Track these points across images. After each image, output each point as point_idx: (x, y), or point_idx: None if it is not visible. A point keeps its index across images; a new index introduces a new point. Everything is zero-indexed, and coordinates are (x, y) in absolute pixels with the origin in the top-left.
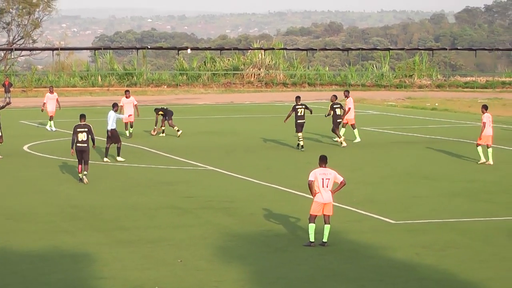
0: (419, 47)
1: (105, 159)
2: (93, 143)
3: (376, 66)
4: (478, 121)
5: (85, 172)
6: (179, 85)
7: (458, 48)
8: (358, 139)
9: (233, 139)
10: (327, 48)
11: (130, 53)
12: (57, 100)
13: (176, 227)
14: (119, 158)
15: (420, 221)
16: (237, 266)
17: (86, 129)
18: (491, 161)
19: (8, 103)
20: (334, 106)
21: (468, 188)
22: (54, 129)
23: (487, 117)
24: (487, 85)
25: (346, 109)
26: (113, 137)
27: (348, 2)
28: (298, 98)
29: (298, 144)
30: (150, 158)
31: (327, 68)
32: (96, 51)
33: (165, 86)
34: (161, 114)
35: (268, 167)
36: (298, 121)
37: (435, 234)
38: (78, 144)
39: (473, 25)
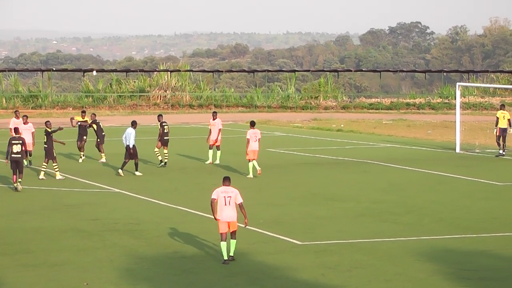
0: (324, 69)
1: (120, 170)
2: (27, 155)
3: (282, 88)
4: (383, 142)
5: (19, 180)
6: (85, 107)
7: (363, 69)
8: (217, 161)
9: (139, 161)
10: (233, 70)
11: (35, 75)
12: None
13: (81, 250)
14: (137, 173)
15: (326, 242)
16: None
17: (21, 141)
18: (258, 172)
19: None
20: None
21: (373, 208)
22: None
23: (251, 133)
24: (392, 106)
25: (217, 131)
26: (133, 153)
27: (253, 24)
28: (160, 116)
29: (161, 161)
30: (55, 180)
31: (233, 89)
32: (0, 73)
33: (71, 108)
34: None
35: (175, 189)
36: (165, 137)
37: (340, 254)
38: (13, 155)
39: (378, 47)
